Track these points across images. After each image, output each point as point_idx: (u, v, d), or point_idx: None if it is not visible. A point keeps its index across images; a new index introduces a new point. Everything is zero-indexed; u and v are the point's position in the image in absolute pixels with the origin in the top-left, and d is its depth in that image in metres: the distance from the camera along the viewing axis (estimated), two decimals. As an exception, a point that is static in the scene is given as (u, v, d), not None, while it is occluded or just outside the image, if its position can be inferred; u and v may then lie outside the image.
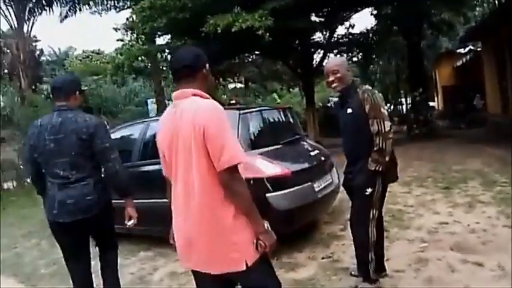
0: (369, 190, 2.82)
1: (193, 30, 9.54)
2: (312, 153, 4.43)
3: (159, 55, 13.75)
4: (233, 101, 21.93)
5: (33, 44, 24.78)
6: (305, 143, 4.79)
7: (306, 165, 4.18)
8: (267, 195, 3.62)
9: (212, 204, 1.78)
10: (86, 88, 16.86)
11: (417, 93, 13.56)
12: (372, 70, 21.14)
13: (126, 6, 13.68)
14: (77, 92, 2.85)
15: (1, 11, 16.36)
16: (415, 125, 13.81)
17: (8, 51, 18.94)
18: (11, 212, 8.25)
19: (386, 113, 2.80)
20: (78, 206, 2.66)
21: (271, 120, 4.63)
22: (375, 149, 2.74)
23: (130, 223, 2.85)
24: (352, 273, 3.26)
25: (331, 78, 2.96)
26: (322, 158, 4.50)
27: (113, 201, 2.87)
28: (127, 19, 11.99)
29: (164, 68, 18.84)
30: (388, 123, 2.75)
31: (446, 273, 3.17)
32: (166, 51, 13.18)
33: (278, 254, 3.80)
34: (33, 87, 16.95)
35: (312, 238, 4.29)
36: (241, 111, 4.15)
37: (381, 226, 3.10)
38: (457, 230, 4.04)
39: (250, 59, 16.98)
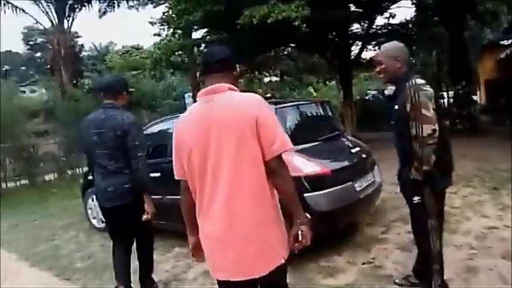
0: (416, 199, 2.54)
1: (229, 23, 9.44)
2: (353, 150, 4.17)
3: (195, 49, 13.81)
4: (269, 95, 21.73)
5: (75, 39, 25.63)
6: (345, 139, 4.54)
7: (347, 163, 3.94)
8: (305, 195, 3.39)
9: (264, 192, 1.78)
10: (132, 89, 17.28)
11: (460, 86, 12.89)
12: (411, 62, 20.30)
13: (161, 1, 13.76)
14: (124, 92, 3.24)
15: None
16: (457, 119, 13.14)
17: (50, 46, 19.59)
18: (52, 204, 8.51)
19: (429, 114, 2.39)
20: (116, 193, 3.05)
21: (309, 115, 4.38)
22: (415, 155, 2.44)
23: (144, 217, 3.09)
24: (396, 281, 3.05)
25: (376, 69, 2.73)
26: (364, 156, 4.24)
27: (154, 197, 3.18)
28: (163, 13, 12.04)
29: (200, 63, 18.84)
30: (428, 127, 2.37)
31: (498, 284, 2.91)
32: (202, 45, 13.20)
33: (316, 258, 3.64)
34: (74, 81, 17.47)
35: (352, 241, 4.06)
36: (278, 106, 3.95)
37: None
38: (508, 236, 3.72)
39: (286, 52, 16.73)
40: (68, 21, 17.86)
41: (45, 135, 14.39)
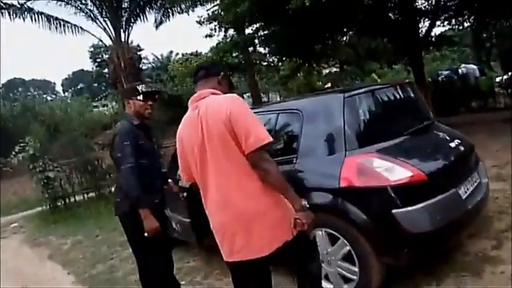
0: None
1: (279, 11, 8.67)
2: (452, 144, 3.14)
3: (250, 49, 13.48)
4: (328, 85, 20.64)
5: (138, 53, 26.39)
6: (438, 130, 3.44)
7: (446, 162, 2.95)
8: (394, 211, 2.51)
9: (250, 183, 1.92)
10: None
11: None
12: (485, 36, 18.14)
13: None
14: (132, 97, 3.01)
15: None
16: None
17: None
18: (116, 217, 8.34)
19: None
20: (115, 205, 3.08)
21: (388, 101, 3.19)
22: None
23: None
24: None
25: None
26: (465, 150, 3.21)
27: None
28: (210, 10, 11.69)
29: (257, 62, 18.47)
30: None
31: None
32: (256, 41, 12.69)
33: (414, 284, 2.81)
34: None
35: (453, 262, 3.05)
36: (347, 94, 2.98)
37: None
38: None
39: (344, 39, 15.63)
40: (125, 34, 18.15)
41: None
